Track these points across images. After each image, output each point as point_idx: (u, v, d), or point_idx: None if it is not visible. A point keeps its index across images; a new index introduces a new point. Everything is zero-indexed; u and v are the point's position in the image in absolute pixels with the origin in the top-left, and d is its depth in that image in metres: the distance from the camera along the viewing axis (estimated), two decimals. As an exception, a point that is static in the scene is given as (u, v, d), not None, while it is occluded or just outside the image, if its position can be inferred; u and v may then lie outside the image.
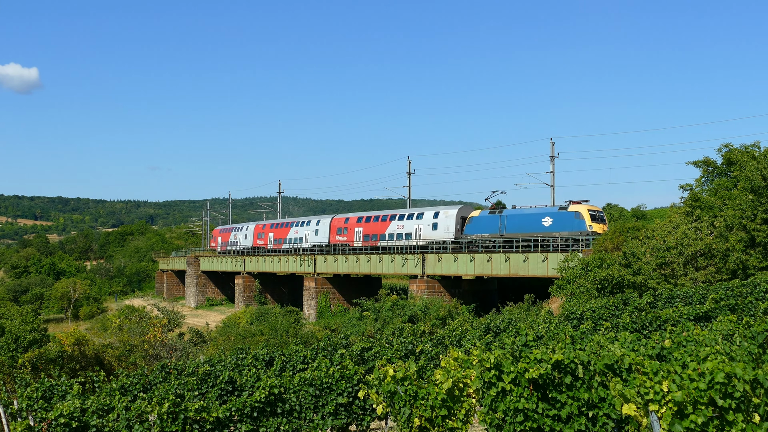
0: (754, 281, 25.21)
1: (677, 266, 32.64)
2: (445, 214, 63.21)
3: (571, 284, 37.19)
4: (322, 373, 15.11)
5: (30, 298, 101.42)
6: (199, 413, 13.41)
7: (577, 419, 9.00)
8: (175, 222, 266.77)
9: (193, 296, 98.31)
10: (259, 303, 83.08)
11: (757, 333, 10.62)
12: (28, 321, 57.44)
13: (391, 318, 52.56)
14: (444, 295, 59.15)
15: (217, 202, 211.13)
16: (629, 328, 18.53)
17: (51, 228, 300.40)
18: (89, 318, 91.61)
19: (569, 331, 16.29)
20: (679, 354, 10.24)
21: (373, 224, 70.94)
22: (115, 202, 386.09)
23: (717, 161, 40.24)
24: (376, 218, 71.17)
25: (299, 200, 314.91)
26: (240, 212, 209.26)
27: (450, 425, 10.16)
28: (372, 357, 19.62)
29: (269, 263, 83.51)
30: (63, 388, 17.02)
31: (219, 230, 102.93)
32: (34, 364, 32.37)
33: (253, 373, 17.29)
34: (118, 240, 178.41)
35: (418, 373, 12.50)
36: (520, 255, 52.84)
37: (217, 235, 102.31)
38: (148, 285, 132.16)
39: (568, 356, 9.18)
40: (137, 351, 40.68)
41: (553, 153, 64.59)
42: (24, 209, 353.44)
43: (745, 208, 32.02)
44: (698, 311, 19.75)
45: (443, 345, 21.59)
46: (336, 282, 72.92)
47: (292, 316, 59.93)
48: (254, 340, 45.67)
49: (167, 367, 20.00)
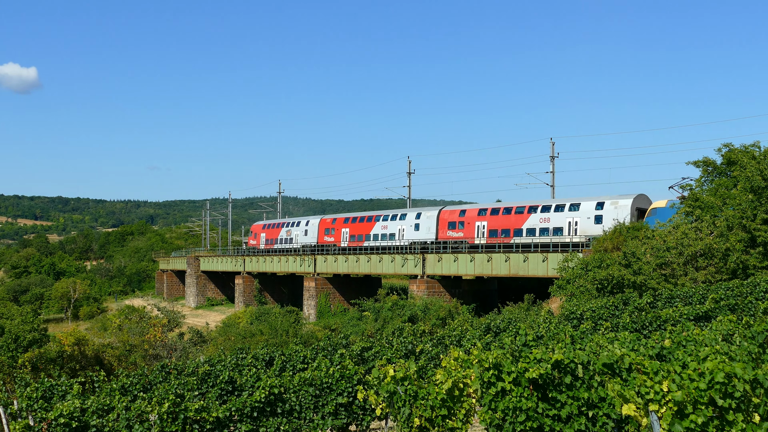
0: (754, 281, 25.20)
1: (677, 266, 32.64)
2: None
3: (570, 284, 37.17)
4: (322, 373, 15.11)
5: (30, 298, 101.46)
6: (199, 413, 13.41)
7: (577, 419, 9.01)
8: (175, 222, 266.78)
9: (193, 296, 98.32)
10: (259, 303, 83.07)
11: (757, 333, 10.63)
12: (28, 321, 57.44)
13: (391, 318, 52.57)
14: (444, 295, 59.16)
15: (217, 202, 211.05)
16: (629, 328, 18.53)
17: (51, 228, 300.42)
18: (89, 318, 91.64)
19: (569, 331, 16.29)
20: (679, 354, 10.24)
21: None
22: (115, 202, 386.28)
23: (717, 161, 40.20)
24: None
25: (299, 200, 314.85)
26: (240, 212, 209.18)
27: (450, 425, 10.16)
28: (372, 357, 19.62)
29: (269, 263, 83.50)
30: (63, 388, 17.01)
31: (262, 225, 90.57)
32: (34, 364, 32.38)
33: (253, 373, 17.29)
34: (118, 240, 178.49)
35: (418, 373, 12.50)
36: (520, 255, 52.82)
37: (258, 231, 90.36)
38: (148, 285, 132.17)
39: (567, 356, 9.18)
40: (137, 351, 40.70)
41: (553, 153, 64.64)
42: (24, 209, 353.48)
43: (745, 208, 32.00)
44: (698, 311, 19.75)
45: (443, 345, 21.59)
46: (336, 282, 72.92)
47: (292, 316, 59.97)
48: (254, 340, 45.68)
49: (167, 367, 20.00)
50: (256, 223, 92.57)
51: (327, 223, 76.47)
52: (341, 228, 73.64)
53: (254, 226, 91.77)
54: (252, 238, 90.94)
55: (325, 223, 76.53)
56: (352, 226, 72.13)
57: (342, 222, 74.22)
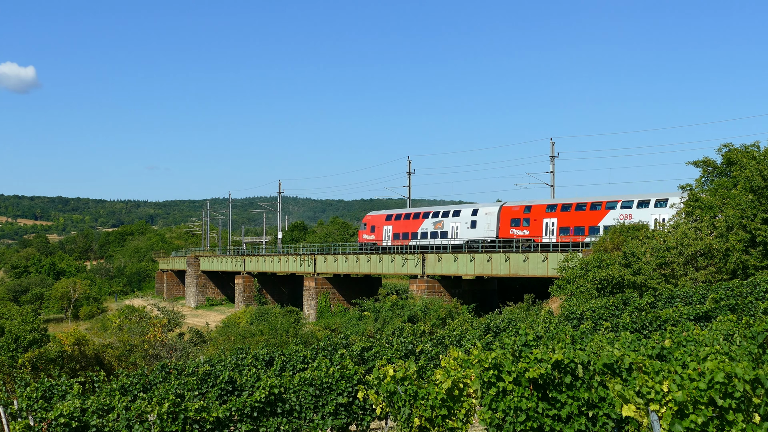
0: (754, 281, 25.19)
1: (677, 266, 32.64)
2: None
3: (570, 284, 37.19)
4: (322, 373, 15.11)
5: (30, 298, 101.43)
6: (199, 413, 13.41)
7: (577, 419, 9.01)
8: (175, 222, 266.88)
9: (193, 296, 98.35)
10: (259, 303, 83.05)
11: (757, 333, 10.63)
12: (28, 321, 57.42)
13: (391, 318, 52.58)
14: (444, 295, 59.16)
15: (217, 202, 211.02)
16: (629, 328, 18.53)
17: (51, 228, 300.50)
18: (89, 318, 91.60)
19: (569, 331, 16.30)
20: (679, 354, 10.24)
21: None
22: (115, 202, 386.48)
23: (717, 161, 40.21)
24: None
25: (299, 200, 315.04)
26: (240, 212, 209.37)
27: (450, 425, 10.16)
28: (372, 357, 19.63)
29: (269, 263, 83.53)
30: (63, 388, 17.01)
31: (384, 216, 71.63)
32: (34, 364, 32.38)
33: (253, 373, 17.30)
34: (118, 240, 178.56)
35: (418, 373, 12.51)
36: (520, 255, 52.82)
37: (379, 223, 71.35)
38: (148, 285, 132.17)
39: (568, 356, 9.18)
40: (137, 351, 40.70)
41: (553, 153, 64.66)
42: (24, 209, 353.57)
43: (745, 208, 32.01)
44: (698, 311, 19.75)
45: (443, 345, 21.60)
46: (336, 282, 72.91)
47: (292, 316, 59.96)
48: (254, 340, 45.68)
49: (167, 367, 20.00)
50: (373, 214, 74.80)
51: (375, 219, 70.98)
52: (382, 225, 68.71)
53: (371, 216, 73.77)
54: (366, 232, 72.65)
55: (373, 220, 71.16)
56: (396, 223, 67.39)
57: (383, 219, 69.33)
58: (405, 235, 66.35)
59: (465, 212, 61.53)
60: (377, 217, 72.20)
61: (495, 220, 58.63)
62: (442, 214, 63.36)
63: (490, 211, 59.43)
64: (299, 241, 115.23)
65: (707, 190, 38.97)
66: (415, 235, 64.68)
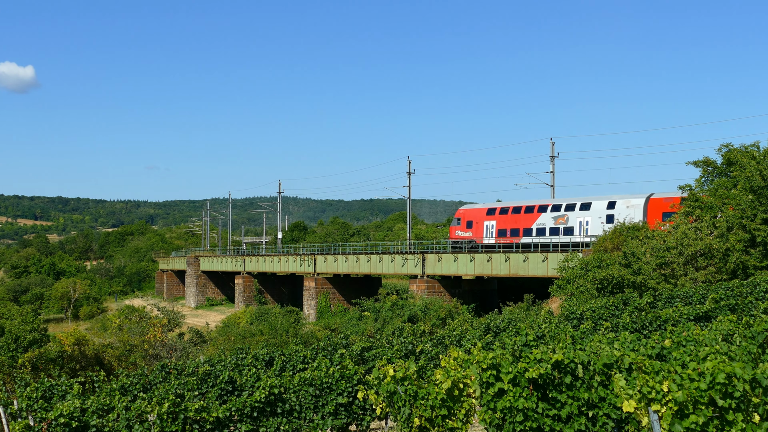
0: (754, 281, 25.19)
1: (677, 266, 32.63)
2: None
3: (570, 284, 37.19)
4: (322, 373, 15.11)
5: (30, 298, 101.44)
6: (199, 413, 13.41)
7: (577, 419, 9.01)
8: (174, 222, 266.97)
9: (193, 296, 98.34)
10: (259, 303, 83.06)
11: (757, 333, 10.63)
12: (28, 321, 57.45)
13: (391, 318, 52.57)
14: (444, 295, 59.15)
15: (217, 202, 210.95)
16: (629, 328, 18.53)
17: (51, 228, 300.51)
18: (89, 318, 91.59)
19: (569, 331, 16.30)
20: (679, 354, 10.24)
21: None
22: (115, 202, 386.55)
23: (717, 161, 40.18)
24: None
25: (299, 200, 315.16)
26: (240, 212, 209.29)
27: (450, 425, 10.16)
28: (372, 357, 19.62)
29: (269, 263, 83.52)
30: (63, 388, 17.01)
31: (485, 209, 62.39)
32: (34, 364, 32.35)
33: (253, 373, 17.29)
34: (118, 240, 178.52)
35: (418, 373, 12.50)
36: (520, 255, 52.81)
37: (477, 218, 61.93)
38: (148, 285, 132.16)
39: (568, 356, 9.18)
40: (137, 351, 40.70)
41: (553, 153, 64.60)
42: (24, 209, 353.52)
43: (745, 208, 32.01)
44: (698, 311, 19.74)
45: (443, 345, 21.59)
46: (336, 282, 72.92)
47: (292, 316, 59.98)
48: (254, 340, 45.67)
49: (167, 367, 20.00)
50: (468, 207, 65.57)
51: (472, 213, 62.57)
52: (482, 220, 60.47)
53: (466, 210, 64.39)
54: (460, 228, 63.44)
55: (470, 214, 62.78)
56: (501, 218, 58.91)
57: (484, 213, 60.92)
58: (514, 231, 58.11)
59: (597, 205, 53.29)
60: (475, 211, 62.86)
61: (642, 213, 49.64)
62: (566, 207, 55.10)
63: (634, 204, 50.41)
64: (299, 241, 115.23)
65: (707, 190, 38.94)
66: (528, 232, 56.55)
